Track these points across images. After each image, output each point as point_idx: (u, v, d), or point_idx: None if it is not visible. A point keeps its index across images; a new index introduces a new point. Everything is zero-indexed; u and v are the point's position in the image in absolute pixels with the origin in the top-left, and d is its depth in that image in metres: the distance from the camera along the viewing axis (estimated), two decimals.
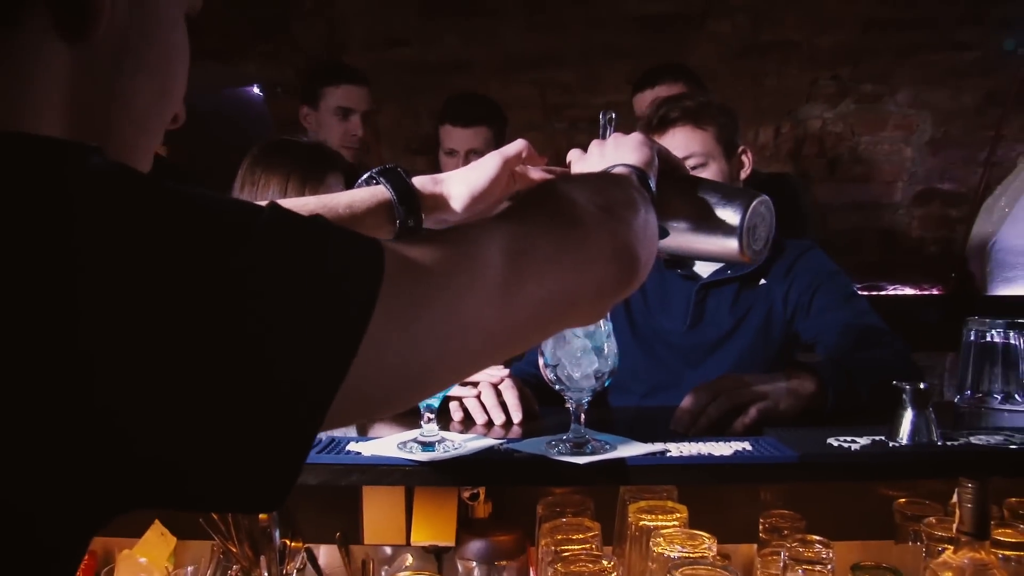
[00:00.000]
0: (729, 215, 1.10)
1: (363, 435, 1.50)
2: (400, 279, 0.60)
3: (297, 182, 1.98)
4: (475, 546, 1.55)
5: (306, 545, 1.58)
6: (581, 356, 1.34)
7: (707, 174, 2.04)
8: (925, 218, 4.12)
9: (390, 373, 0.61)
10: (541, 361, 1.38)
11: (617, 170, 1.02)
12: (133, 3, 0.65)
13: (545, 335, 0.75)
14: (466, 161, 2.79)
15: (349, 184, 2.15)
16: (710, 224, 1.10)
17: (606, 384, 1.38)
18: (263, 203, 0.59)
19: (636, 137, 1.07)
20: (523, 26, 4.06)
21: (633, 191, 0.90)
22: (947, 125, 4.03)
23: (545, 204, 0.80)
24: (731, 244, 1.10)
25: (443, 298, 0.63)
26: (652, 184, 1.02)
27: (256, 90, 4.14)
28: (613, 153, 1.06)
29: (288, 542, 1.56)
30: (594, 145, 1.12)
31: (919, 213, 4.12)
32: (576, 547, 1.43)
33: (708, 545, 1.36)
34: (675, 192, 1.10)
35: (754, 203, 1.09)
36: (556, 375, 1.36)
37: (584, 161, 1.13)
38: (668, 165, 1.10)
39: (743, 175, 2.15)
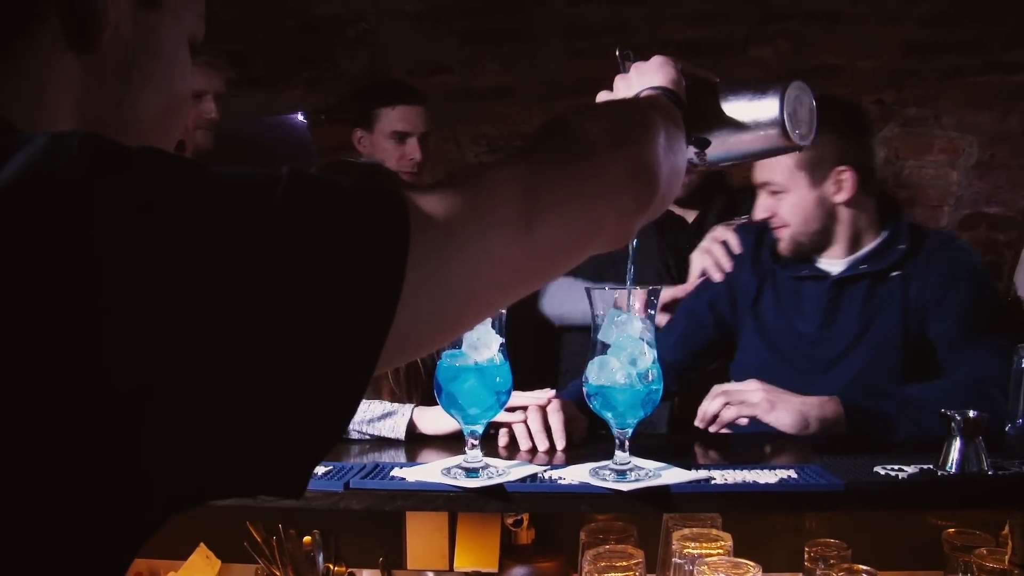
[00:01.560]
0: (766, 106, 1.08)
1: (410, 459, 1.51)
2: (425, 227, 0.62)
3: None
4: (518, 572, 1.55)
5: (349, 570, 1.59)
6: (625, 384, 1.34)
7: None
8: (972, 242, 4.06)
9: (426, 318, 0.63)
10: (585, 390, 1.38)
11: (644, 94, 1.03)
12: (139, 20, 0.68)
13: (573, 261, 0.76)
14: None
15: None
16: (750, 121, 1.08)
17: (650, 412, 1.38)
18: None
19: (657, 60, 1.08)
20: (563, 52, 4.08)
21: (651, 111, 0.90)
22: (994, 148, 3.98)
23: (556, 137, 0.81)
24: (775, 134, 1.08)
25: (468, 239, 0.65)
26: (682, 99, 1.01)
27: (300, 117, 4.21)
28: (638, 80, 1.06)
29: (331, 566, 1.57)
30: (618, 79, 1.13)
31: (966, 237, 4.06)
32: (619, 574, 1.42)
33: (753, 574, 1.35)
34: (708, 102, 1.10)
35: (788, 88, 1.07)
36: (598, 404, 1.36)
37: (611, 97, 1.13)
38: (695, 79, 1.09)
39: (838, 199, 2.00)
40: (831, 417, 1.71)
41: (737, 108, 1.09)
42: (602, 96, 1.17)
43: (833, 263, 2.05)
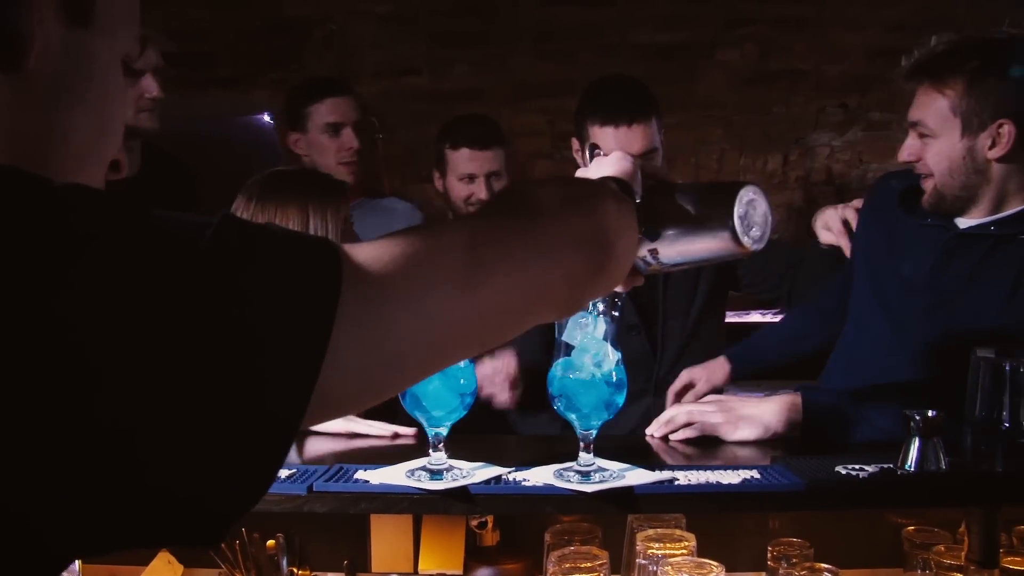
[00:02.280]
0: (717, 210, 1.06)
1: None
2: (359, 280, 0.61)
3: (317, 209, 1.99)
4: (483, 574, 1.55)
5: (314, 573, 1.59)
6: (588, 387, 1.34)
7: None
8: None
9: (356, 376, 0.61)
10: (549, 392, 1.38)
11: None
12: (68, 41, 0.66)
13: (519, 327, 0.73)
14: (488, 185, 2.75)
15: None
16: (701, 223, 1.06)
17: (614, 415, 1.38)
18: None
19: (616, 154, 1.08)
20: (533, 55, 4.09)
21: (605, 191, 0.89)
22: None
23: (509, 199, 0.80)
24: (725, 237, 1.06)
25: (403, 297, 0.63)
26: (636, 192, 1.01)
27: (266, 118, 4.18)
28: (595, 170, 1.05)
29: (296, 570, 1.56)
30: (579, 172, 1.13)
31: None
32: (584, 575, 1.43)
33: (716, 573, 1.36)
34: (664, 201, 1.08)
35: (740, 191, 1.05)
36: (562, 405, 1.37)
37: None
38: (654, 179, 1.09)
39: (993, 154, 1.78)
40: (795, 419, 1.70)
41: (688, 210, 1.07)
42: None
43: (966, 221, 1.86)
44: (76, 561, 1.46)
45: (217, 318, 0.55)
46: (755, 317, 3.71)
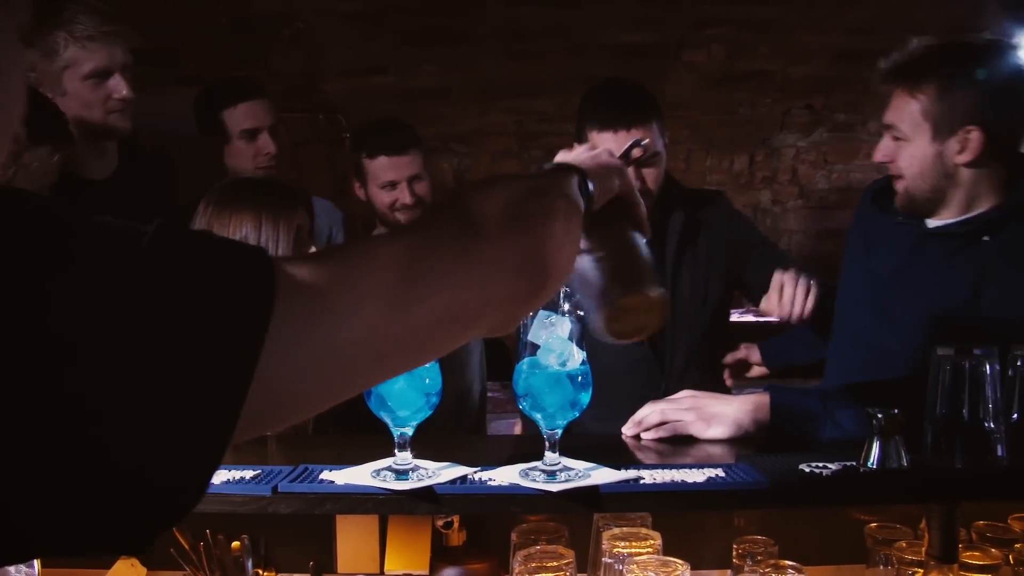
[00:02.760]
0: (615, 284, 1.00)
1: None
2: (294, 293, 0.60)
3: (270, 218, 1.98)
4: (449, 574, 1.55)
5: (279, 574, 1.57)
6: (554, 387, 1.34)
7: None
8: None
9: (286, 391, 0.61)
10: (514, 391, 1.38)
11: (555, 167, 0.97)
12: None
13: (452, 344, 0.73)
14: (410, 189, 2.72)
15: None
16: (601, 281, 1.01)
17: (579, 414, 1.38)
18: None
19: (603, 151, 1.05)
20: (501, 55, 4.09)
21: (557, 197, 0.86)
22: None
23: (447, 215, 0.78)
24: (596, 314, 1.01)
25: (332, 315, 0.63)
26: (591, 189, 0.94)
27: None
28: (572, 155, 1.02)
29: (261, 572, 1.55)
30: (559, 155, 1.09)
31: None
32: (551, 575, 1.43)
33: (682, 572, 1.37)
34: (614, 225, 1.03)
35: (644, 290, 1.00)
36: (528, 405, 1.37)
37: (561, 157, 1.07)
38: (623, 203, 1.04)
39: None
40: (763, 419, 1.71)
41: (604, 263, 1.01)
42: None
43: (935, 222, 1.90)
44: (35, 563, 1.44)
45: (150, 321, 0.54)
46: (749, 317, 3.75)
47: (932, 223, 1.90)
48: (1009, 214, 1.83)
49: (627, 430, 1.71)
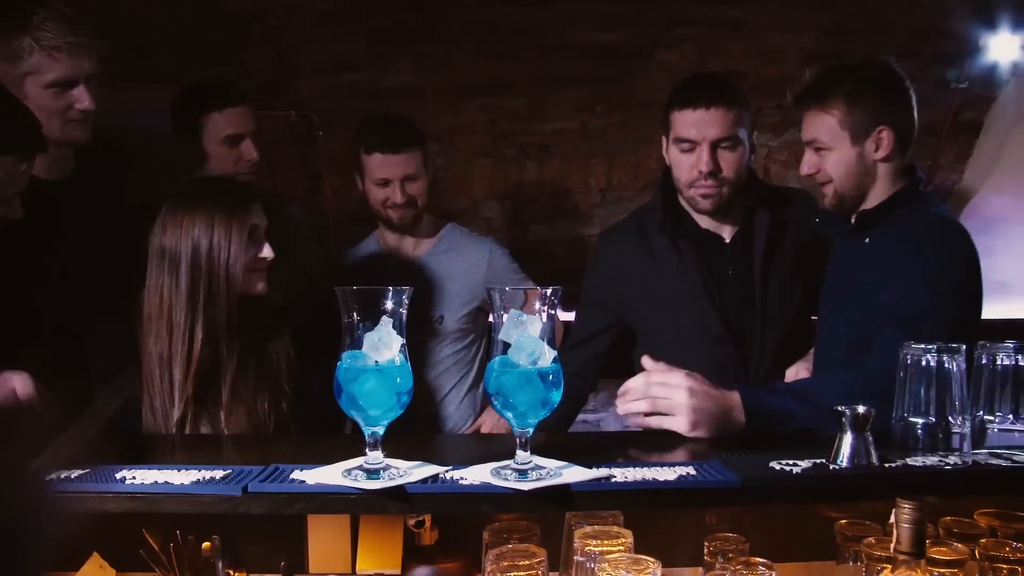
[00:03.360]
0: None
1: None
2: None
3: (223, 218, 1.98)
4: (421, 573, 1.55)
5: (250, 575, 1.56)
6: (525, 385, 1.34)
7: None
8: None
9: None
10: (485, 389, 1.38)
11: None
12: None
13: None
14: (402, 189, 2.72)
15: (269, 212, 2.12)
16: None
17: (550, 413, 1.38)
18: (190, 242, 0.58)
19: None
20: (474, 53, 4.08)
21: None
22: None
23: None
24: None
25: None
26: None
27: None
28: None
29: (232, 572, 1.54)
30: None
31: None
32: (523, 573, 1.43)
33: (653, 570, 1.38)
34: None
35: None
36: (499, 403, 1.36)
37: None
38: None
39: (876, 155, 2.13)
40: (742, 420, 1.73)
41: None
42: None
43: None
44: None
45: None
46: None
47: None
48: (912, 195, 2.14)
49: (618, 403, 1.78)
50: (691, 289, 2.39)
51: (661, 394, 1.72)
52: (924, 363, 1.53)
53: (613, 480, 1.39)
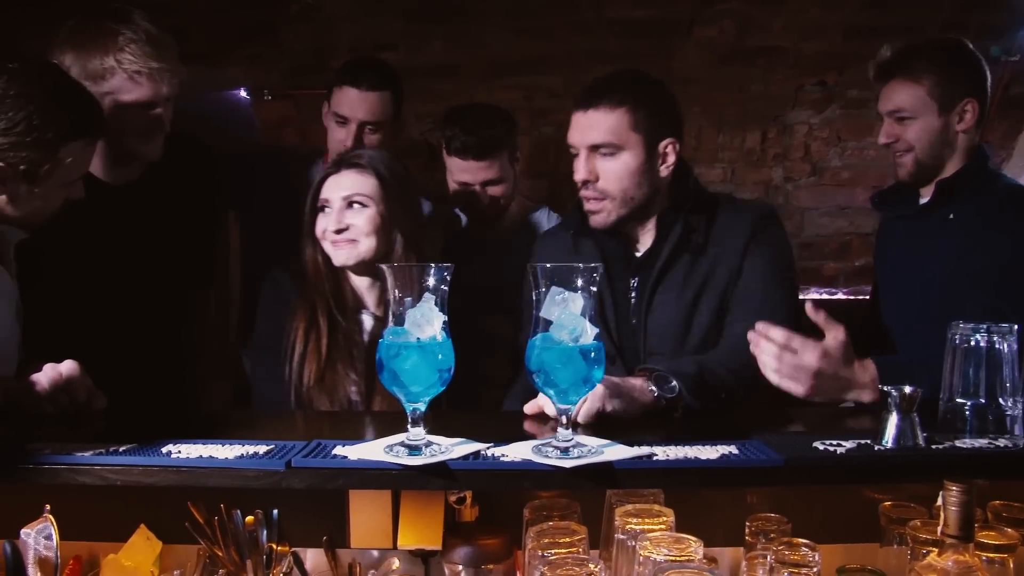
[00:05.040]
0: None
1: None
2: None
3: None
4: (462, 550, 1.55)
5: (292, 549, 1.58)
6: (567, 362, 1.33)
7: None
8: None
9: None
10: (527, 367, 1.37)
11: None
12: None
13: None
14: (484, 192, 2.66)
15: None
16: None
17: (591, 390, 1.38)
18: None
19: None
20: (509, 31, 4.05)
21: None
22: None
23: None
24: None
25: None
26: None
27: (243, 94, 4.13)
28: None
29: (274, 546, 1.55)
30: None
31: None
32: (563, 551, 1.43)
33: (695, 548, 1.36)
34: None
35: None
36: (541, 380, 1.36)
37: None
38: None
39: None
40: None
41: None
42: None
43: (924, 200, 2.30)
44: (54, 536, 1.44)
45: None
46: (813, 295, 3.73)
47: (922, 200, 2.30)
48: (984, 168, 2.25)
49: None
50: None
51: (789, 361, 1.72)
52: (974, 343, 1.50)
53: (655, 458, 1.38)
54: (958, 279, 2.09)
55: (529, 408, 1.68)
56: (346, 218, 2.06)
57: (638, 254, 2.13)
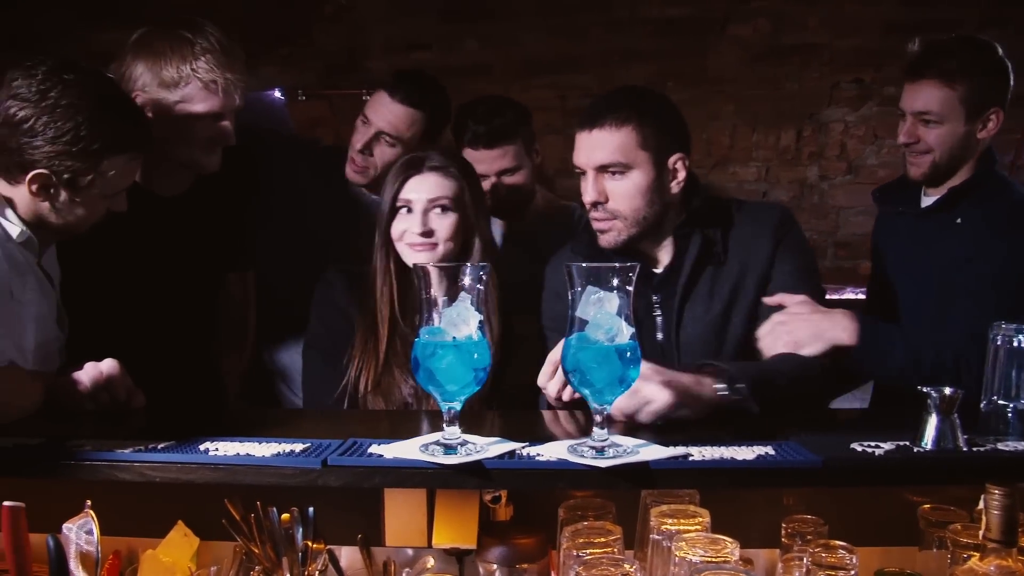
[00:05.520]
0: None
1: None
2: None
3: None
4: (496, 549, 1.55)
5: (328, 547, 1.59)
6: (603, 362, 1.33)
7: None
8: None
9: None
10: (562, 367, 1.37)
11: None
12: None
13: None
14: (500, 181, 2.62)
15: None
16: None
17: (627, 390, 1.37)
18: None
19: None
20: (542, 30, 4.06)
21: None
22: None
23: None
24: None
25: None
26: None
27: (277, 94, 4.17)
28: None
29: (310, 543, 1.56)
30: None
31: None
32: (598, 550, 1.43)
33: (731, 549, 1.36)
34: None
35: None
36: (576, 380, 1.36)
37: None
38: None
39: None
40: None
41: None
42: None
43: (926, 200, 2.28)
44: (95, 530, 1.46)
45: None
46: (848, 294, 3.70)
47: (925, 202, 2.28)
48: (994, 174, 2.22)
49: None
50: None
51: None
52: (1016, 344, 1.48)
53: (691, 458, 1.37)
54: (956, 283, 2.06)
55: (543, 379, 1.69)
56: (431, 222, 2.02)
57: (657, 271, 2.08)
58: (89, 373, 1.73)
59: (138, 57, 2.10)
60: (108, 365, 1.74)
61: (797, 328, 1.80)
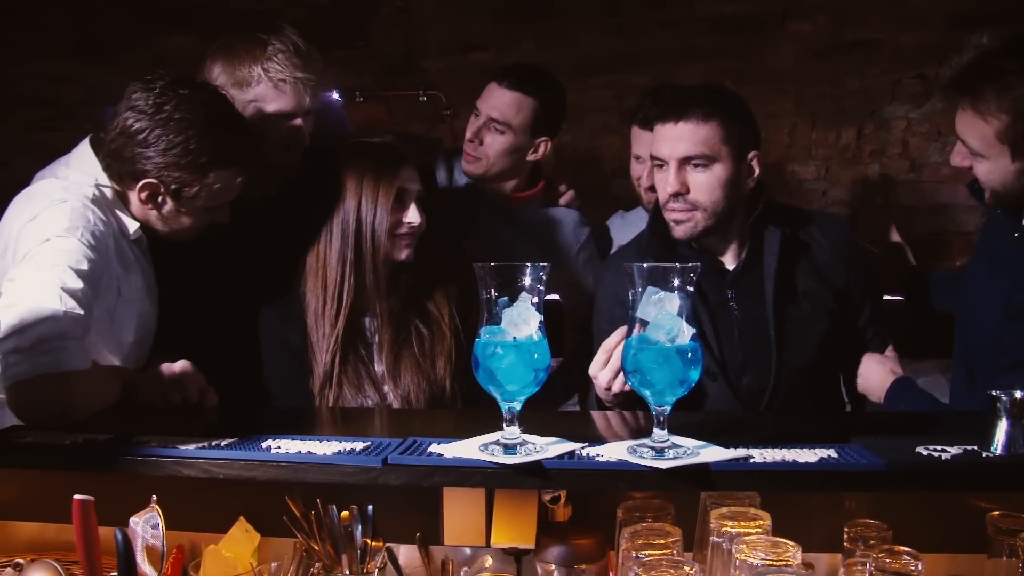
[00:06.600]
0: None
1: None
2: None
3: (371, 179, 2.04)
4: (555, 549, 1.55)
5: (387, 544, 1.60)
6: (663, 363, 1.32)
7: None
8: None
9: None
10: (623, 367, 1.37)
11: None
12: None
13: None
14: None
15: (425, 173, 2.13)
16: None
17: (688, 391, 1.36)
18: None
19: None
20: (598, 29, 4.04)
21: None
22: None
23: None
24: None
25: None
26: None
27: (335, 96, 4.21)
28: None
29: (369, 541, 1.58)
30: None
31: None
32: (657, 552, 1.42)
33: (792, 553, 1.34)
34: None
35: None
36: (636, 381, 1.35)
37: None
38: None
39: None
40: None
41: None
42: None
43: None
44: (160, 525, 1.49)
45: None
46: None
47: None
48: None
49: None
50: None
51: None
52: None
53: (752, 461, 1.36)
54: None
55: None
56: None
57: (729, 267, 2.11)
58: (164, 372, 1.79)
59: (216, 59, 2.17)
60: (181, 365, 1.80)
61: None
